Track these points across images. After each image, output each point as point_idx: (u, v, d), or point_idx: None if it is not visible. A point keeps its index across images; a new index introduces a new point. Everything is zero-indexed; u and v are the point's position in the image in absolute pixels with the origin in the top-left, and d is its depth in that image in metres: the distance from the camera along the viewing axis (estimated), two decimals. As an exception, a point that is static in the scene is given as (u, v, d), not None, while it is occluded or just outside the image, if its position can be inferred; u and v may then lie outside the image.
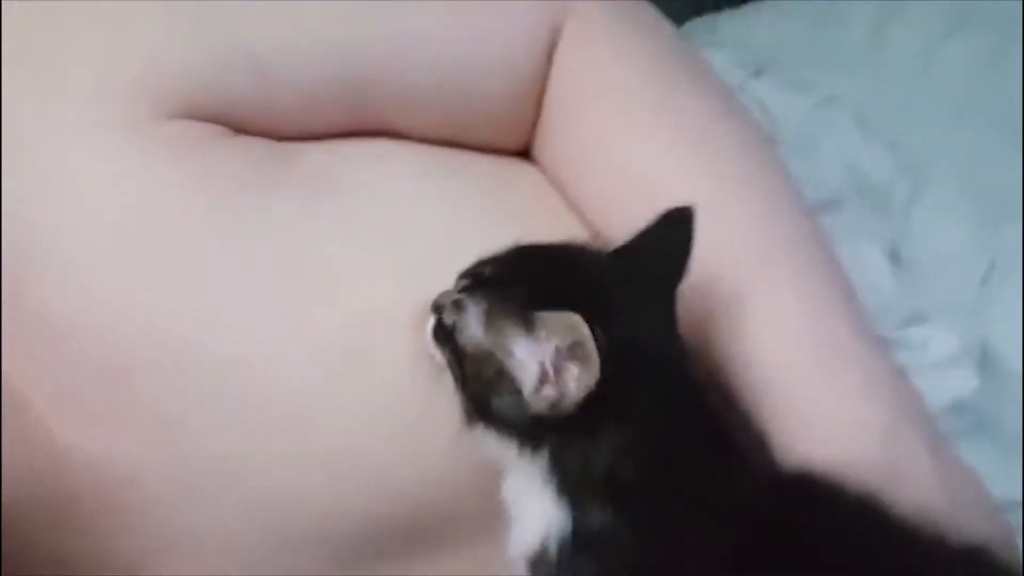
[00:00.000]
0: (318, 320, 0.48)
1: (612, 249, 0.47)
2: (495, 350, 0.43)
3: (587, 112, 0.56)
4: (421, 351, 0.46)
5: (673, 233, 0.47)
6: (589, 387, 0.41)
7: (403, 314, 0.47)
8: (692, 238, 0.47)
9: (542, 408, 0.42)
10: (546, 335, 0.41)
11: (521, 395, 0.42)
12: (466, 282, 0.45)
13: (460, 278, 0.46)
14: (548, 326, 0.41)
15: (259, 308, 0.47)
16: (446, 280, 0.47)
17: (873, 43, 0.91)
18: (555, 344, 0.41)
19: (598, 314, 0.41)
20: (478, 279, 0.45)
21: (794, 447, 0.50)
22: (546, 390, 0.42)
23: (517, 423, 0.43)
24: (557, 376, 0.41)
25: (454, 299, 0.45)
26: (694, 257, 0.48)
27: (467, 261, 0.47)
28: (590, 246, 0.47)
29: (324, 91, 0.51)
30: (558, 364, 0.41)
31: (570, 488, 0.43)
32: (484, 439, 0.44)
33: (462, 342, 0.44)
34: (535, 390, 0.42)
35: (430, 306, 0.46)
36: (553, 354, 0.41)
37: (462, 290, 0.45)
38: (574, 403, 0.41)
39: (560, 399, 0.41)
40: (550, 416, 0.42)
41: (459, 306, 0.44)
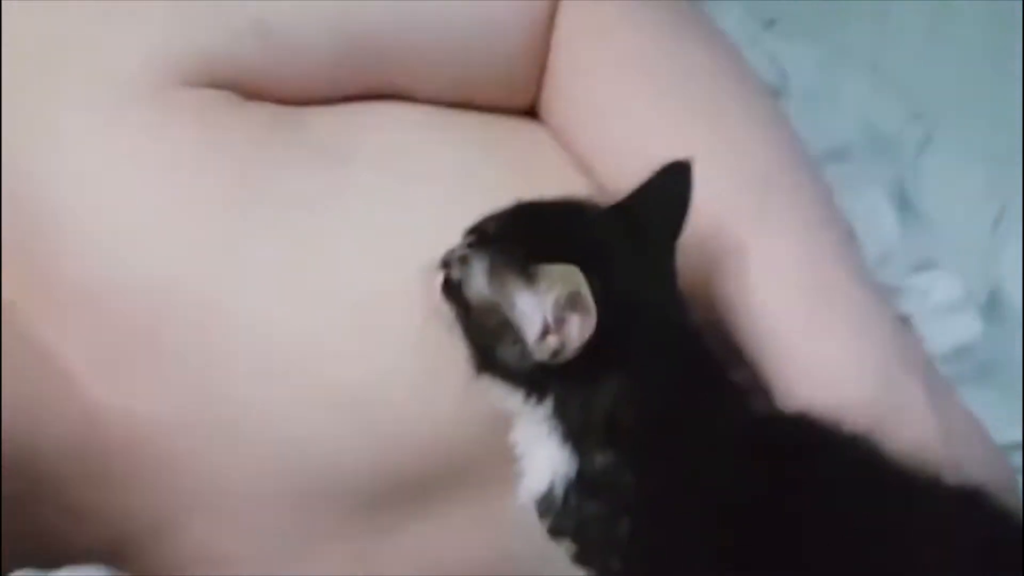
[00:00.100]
0: (331, 278, 0.50)
1: (612, 203, 0.49)
2: (499, 302, 0.45)
3: (591, 70, 0.58)
4: (431, 305, 0.48)
5: (671, 186, 0.49)
6: (588, 336, 0.43)
7: (413, 271, 0.49)
8: (690, 190, 0.49)
9: (544, 356, 0.44)
10: (546, 287, 0.43)
11: (524, 344, 0.44)
12: (471, 238, 0.47)
13: (466, 235, 0.48)
14: (548, 278, 0.43)
15: (274, 267, 0.50)
16: (454, 237, 0.49)
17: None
18: (555, 295, 0.43)
19: (596, 266, 0.43)
20: (482, 235, 0.47)
21: (794, 391, 0.52)
22: (548, 339, 0.44)
23: (521, 371, 0.45)
24: (558, 326, 0.43)
25: (460, 255, 0.47)
26: (696, 208, 0.49)
27: (475, 217, 0.49)
28: (590, 201, 0.48)
29: (331, 56, 0.53)
30: (558, 314, 0.43)
31: (573, 433, 0.45)
32: (491, 388, 0.46)
33: (468, 296, 0.46)
34: (538, 339, 0.44)
35: (439, 262, 0.48)
36: (553, 305, 0.43)
37: (467, 246, 0.47)
38: (574, 351, 0.43)
39: (561, 348, 0.43)
40: (552, 364, 0.44)
41: (465, 262, 0.46)
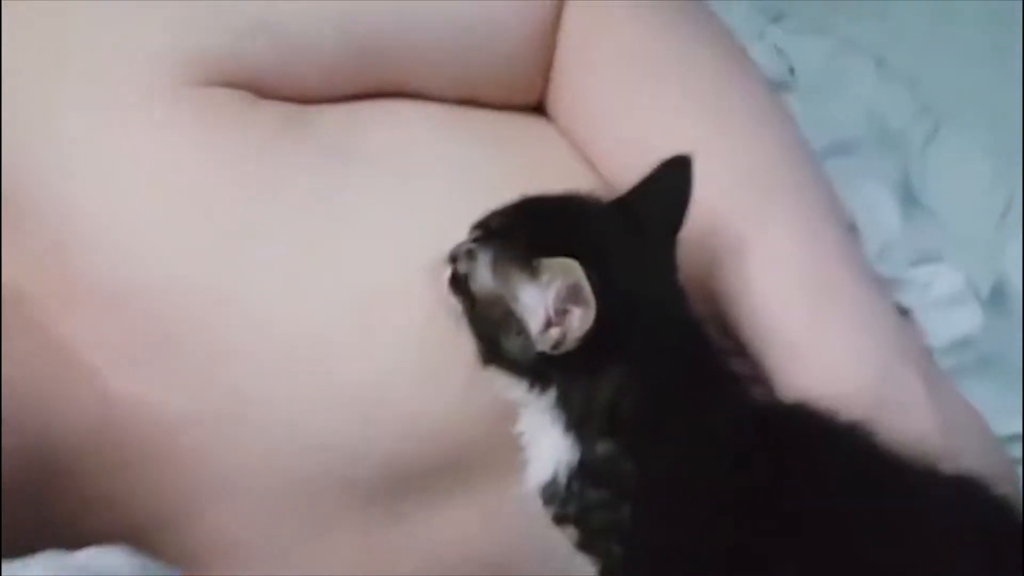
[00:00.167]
0: (338, 274, 0.52)
1: (614, 198, 0.50)
2: (503, 295, 0.47)
3: (595, 67, 0.59)
4: (438, 299, 0.50)
5: (672, 181, 0.50)
6: (588, 327, 0.44)
7: (421, 265, 0.51)
8: (690, 185, 0.50)
9: (547, 347, 0.46)
10: (547, 280, 0.45)
11: (528, 336, 0.46)
12: (477, 233, 0.49)
13: (472, 229, 0.49)
14: (549, 271, 0.45)
15: (283, 264, 0.52)
16: (462, 232, 0.50)
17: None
18: (556, 288, 0.45)
19: (596, 259, 0.45)
20: (488, 230, 0.48)
21: (794, 383, 0.53)
22: (550, 331, 0.45)
23: (525, 362, 0.47)
24: (559, 317, 0.45)
25: (466, 249, 0.49)
26: (699, 203, 0.51)
27: (481, 213, 0.50)
28: (592, 196, 0.50)
29: (336, 56, 0.55)
30: (559, 306, 0.45)
31: (576, 422, 0.47)
32: (497, 379, 0.48)
33: (474, 289, 0.48)
34: (540, 331, 0.46)
35: (446, 257, 0.50)
36: (554, 297, 0.45)
37: (473, 241, 0.49)
38: (575, 342, 0.45)
39: (563, 339, 0.45)
40: (555, 355, 0.46)
41: (471, 256, 0.48)
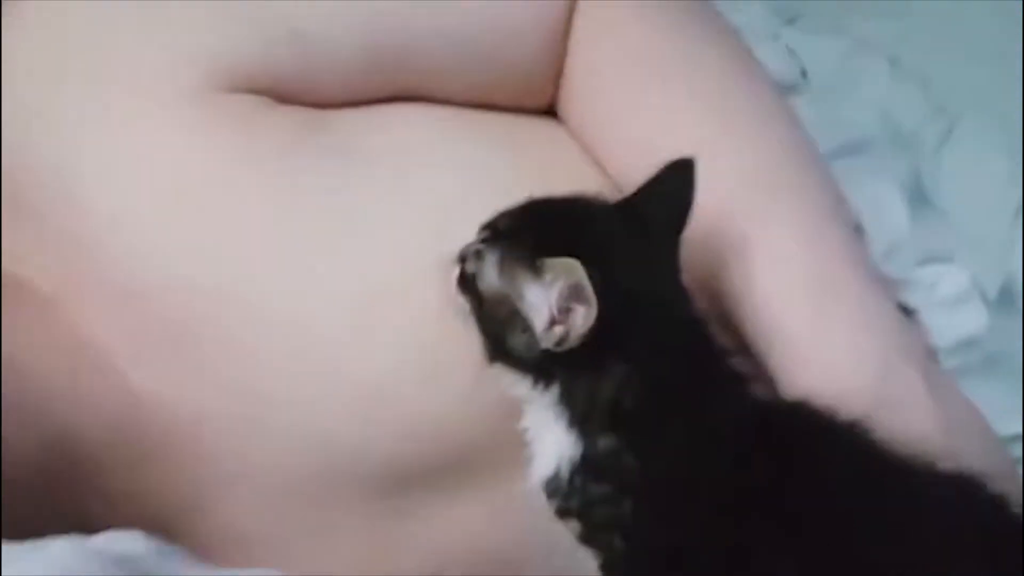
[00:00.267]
0: (353, 273, 0.54)
1: (618, 200, 0.52)
2: (509, 294, 0.49)
3: (603, 68, 0.61)
4: (447, 298, 0.52)
5: (675, 183, 0.52)
6: (590, 325, 0.46)
7: (432, 264, 0.53)
8: (693, 187, 0.52)
9: (551, 344, 0.48)
10: (551, 279, 0.47)
11: (532, 333, 0.48)
12: (485, 234, 0.51)
13: (480, 230, 0.51)
14: (552, 271, 0.47)
15: (299, 263, 0.54)
16: (472, 232, 0.52)
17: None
18: (559, 287, 0.47)
19: (599, 259, 0.47)
20: (495, 231, 0.50)
21: (796, 381, 0.55)
22: (554, 329, 0.47)
23: (530, 359, 0.49)
24: (563, 315, 0.47)
25: (474, 249, 0.51)
26: (704, 204, 0.53)
27: (490, 214, 0.52)
28: (598, 198, 0.52)
29: (358, 63, 0.57)
30: (563, 305, 0.47)
31: (579, 418, 0.49)
32: (503, 376, 0.50)
33: (481, 288, 0.50)
34: (545, 329, 0.48)
35: (455, 257, 0.52)
36: (558, 296, 0.47)
37: (481, 241, 0.51)
38: (578, 340, 0.47)
39: (566, 336, 0.47)
40: (558, 352, 0.48)
41: (478, 256, 0.50)
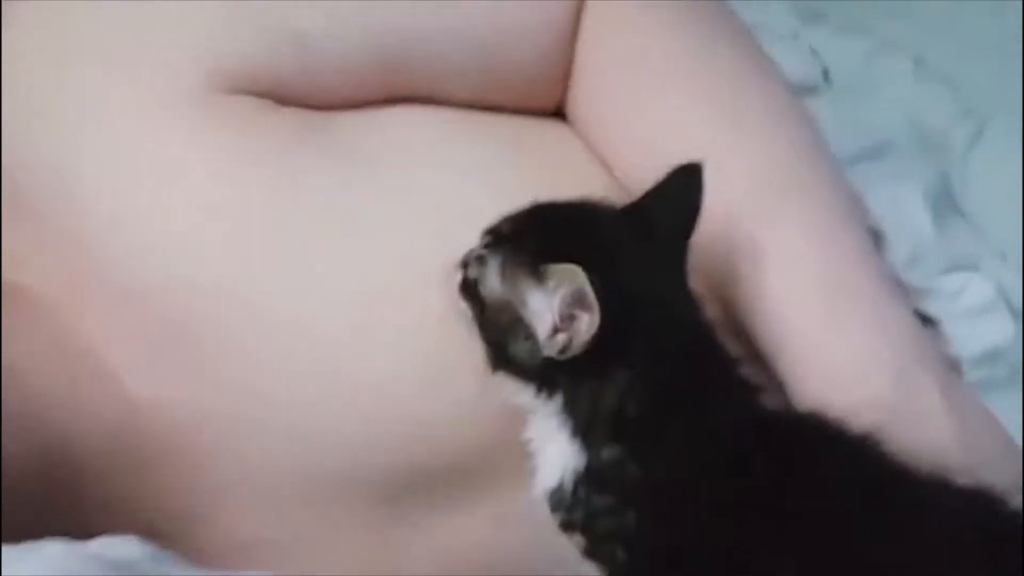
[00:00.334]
0: (356, 276, 0.54)
1: (625, 205, 0.52)
2: (511, 300, 0.48)
3: (612, 72, 0.61)
4: (450, 303, 0.51)
5: (683, 188, 0.51)
6: (593, 332, 0.46)
7: (434, 268, 0.52)
8: (701, 192, 0.51)
9: (554, 352, 0.47)
10: (554, 285, 0.46)
11: (535, 341, 0.48)
12: (488, 239, 0.50)
13: (483, 235, 0.51)
14: (555, 277, 0.46)
15: (303, 266, 0.54)
16: (474, 236, 0.52)
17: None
18: (562, 293, 0.46)
19: (604, 265, 0.46)
20: (498, 236, 0.50)
21: (808, 389, 0.54)
22: (557, 336, 0.47)
23: (532, 367, 0.48)
24: (566, 322, 0.47)
25: (477, 255, 0.50)
26: (713, 206, 0.52)
27: (494, 218, 0.52)
28: (603, 203, 0.51)
29: (361, 65, 0.57)
30: (566, 311, 0.46)
31: (582, 427, 0.48)
32: (506, 384, 0.50)
33: (483, 294, 0.49)
34: (548, 336, 0.47)
35: (458, 262, 0.52)
36: (560, 303, 0.46)
37: (484, 246, 0.50)
38: (582, 347, 0.46)
39: (569, 343, 0.47)
40: (562, 360, 0.47)
41: (481, 261, 0.50)
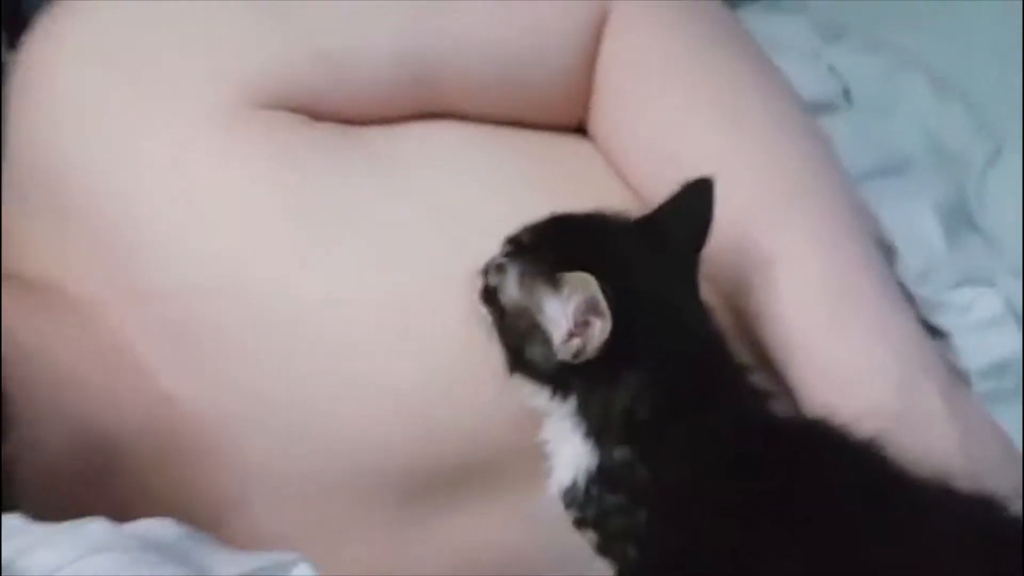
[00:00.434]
0: (381, 283, 0.57)
1: (639, 217, 0.55)
2: (529, 307, 0.51)
3: (631, 90, 0.64)
4: (470, 309, 0.55)
5: (694, 202, 0.54)
6: (605, 337, 0.49)
7: (456, 276, 0.55)
8: (712, 207, 0.54)
9: (568, 356, 0.50)
10: (568, 293, 0.49)
11: (551, 345, 0.51)
12: (508, 248, 0.53)
13: (504, 245, 0.54)
14: (569, 285, 0.49)
15: (331, 275, 0.57)
16: (496, 246, 0.55)
17: (953, 4, 0.95)
18: (576, 301, 0.49)
19: (616, 274, 0.50)
20: (517, 245, 0.53)
21: (815, 396, 0.57)
22: (571, 341, 0.50)
23: (548, 371, 0.51)
24: (580, 328, 0.50)
25: (497, 263, 0.53)
26: (723, 217, 0.55)
27: (515, 228, 0.55)
28: (618, 215, 0.54)
29: (390, 81, 0.60)
30: (580, 318, 0.49)
31: (595, 429, 0.51)
32: (522, 387, 0.53)
33: (503, 300, 0.53)
34: (562, 341, 0.50)
35: (479, 270, 0.55)
36: (575, 309, 0.49)
37: (504, 255, 0.53)
38: (595, 351, 0.49)
39: (583, 348, 0.50)
40: (575, 364, 0.50)
41: (501, 269, 0.53)
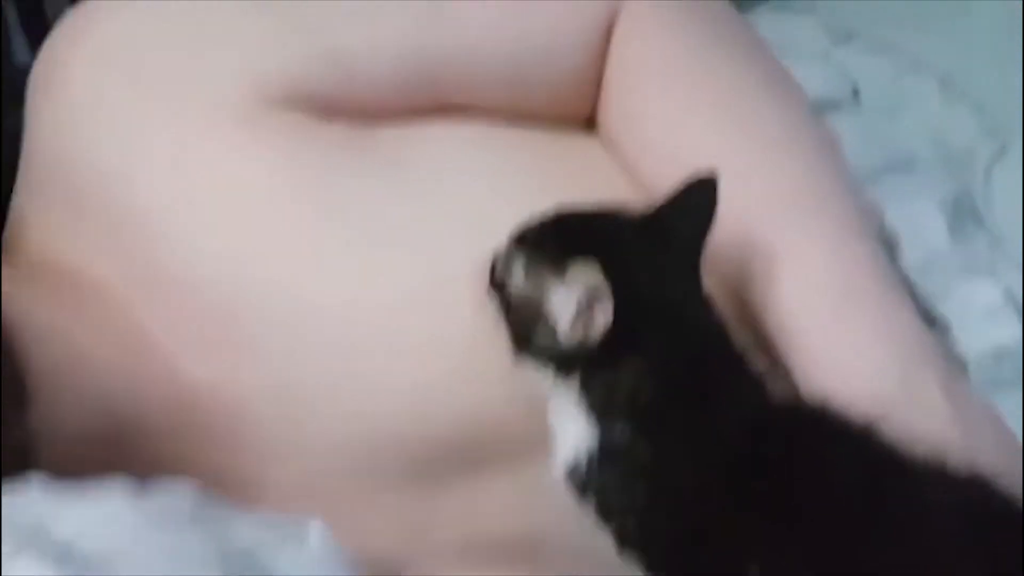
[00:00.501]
0: (394, 271, 0.60)
1: (642, 211, 0.57)
2: (535, 295, 0.54)
3: (637, 89, 0.66)
4: (480, 298, 0.57)
5: (697, 197, 0.57)
6: (607, 324, 0.51)
7: (467, 267, 0.58)
8: (715, 202, 0.57)
9: (573, 342, 0.53)
10: (573, 281, 0.52)
11: (556, 332, 0.53)
12: (515, 239, 0.56)
13: (511, 236, 0.57)
14: (575, 274, 0.52)
15: (342, 264, 0.60)
16: (503, 239, 0.58)
17: (960, 7, 0.97)
18: (580, 289, 0.52)
19: (619, 264, 0.52)
20: (524, 236, 0.56)
21: (816, 385, 0.59)
22: (575, 327, 0.52)
23: (552, 356, 0.54)
24: (583, 316, 0.52)
25: (505, 253, 0.56)
26: (729, 212, 0.57)
27: (521, 221, 0.58)
28: (622, 208, 0.57)
29: (400, 80, 0.63)
30: (583, 306, 0.52)
31: (597, 409, 0.53)
32: (528, 370, 0.55)
33: (510, 289, 0.55)
34: (567, 328, 0.53)
35: (488, 260, 0.57)
36: (579, 298, 0.52)
37: (511, 246, 0.56)
38: (598, 338, 0.52)
39: (586, 335, 0.52)
40: (579, 349, 0.53)
41: (508, 259, 0.56)
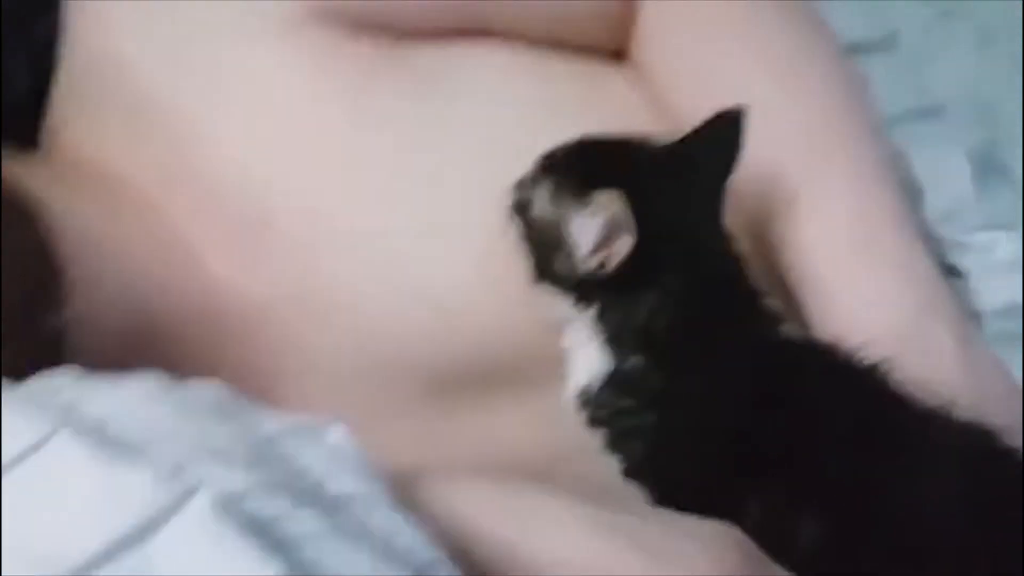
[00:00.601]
0: (422, 189, 0.62)
1: (668, 142, 0.58)
2: (557, 221, 0.55)
3: (671, 22, 0.67)
4: (503, 222, 0.59)
5: (724, 131, 0.58)
6: (627, 253, 0.53)
7: (493, 191, 0.59)
8: (742, 137, 0.58)
9: (591, 269, 0.54)
10: (595, 209, 0.53)
11: (575, 258, 0.55)
12: (540, 165, 0.57)
13: (536, 161, 0.58)
14: (597, 202, 0.53)
15: (371, 178, 0.61)
16: (530, 164, 0.59)
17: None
18: (602, 217, 0.53)
19: (642, 194, 0.53)
20: (549, 163, 0.57)
21: (829, 325, 0.61)
22: (595, 255, 0.54)
23: (570, 282, 0.55)
24: (603, 243, 0.54)
25: (529, 179, 0.57)
26: (756, 154, 0.58)
27: (549, 146, 0.59)
28: (648, 139, 0.58)
29: None
30: (604, 234, 0.53)
31: (612, 337, 0.55)
32: (547, 296, 0.57)
33: (533, 214, 0.57)
34: (586, 255, 0.54)
35: (513, 185, 0.59)
36: (600, 226, 0.53)
37: (536, 171, 0.57)
38: (617, 266, 0.54)
39: (605, 263, 0.54)
40: (598, 276, 0.54)
41: (533, 185, 0.57)
